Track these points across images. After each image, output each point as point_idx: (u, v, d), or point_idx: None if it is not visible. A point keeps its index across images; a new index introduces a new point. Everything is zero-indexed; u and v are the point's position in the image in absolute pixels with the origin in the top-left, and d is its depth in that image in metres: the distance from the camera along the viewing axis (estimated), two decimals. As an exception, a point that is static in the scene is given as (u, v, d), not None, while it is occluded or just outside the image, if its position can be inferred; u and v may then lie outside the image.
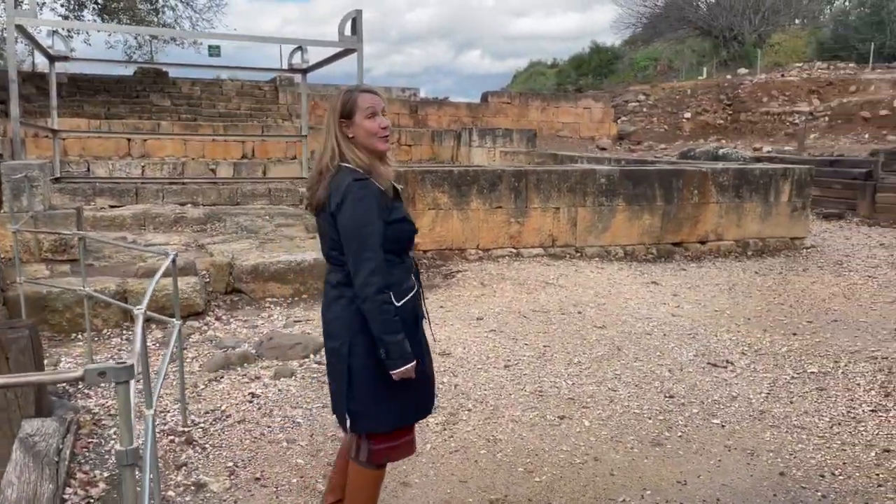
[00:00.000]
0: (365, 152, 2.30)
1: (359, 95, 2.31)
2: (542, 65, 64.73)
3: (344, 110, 2.31)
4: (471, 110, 26.46)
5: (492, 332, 5.37)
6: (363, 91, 2.34)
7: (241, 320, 5.70)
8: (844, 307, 6.27)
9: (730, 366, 4.75)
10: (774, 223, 8.80)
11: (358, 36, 12.24)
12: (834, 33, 37.58)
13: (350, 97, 2.32)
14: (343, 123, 2.31)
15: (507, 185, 7.74)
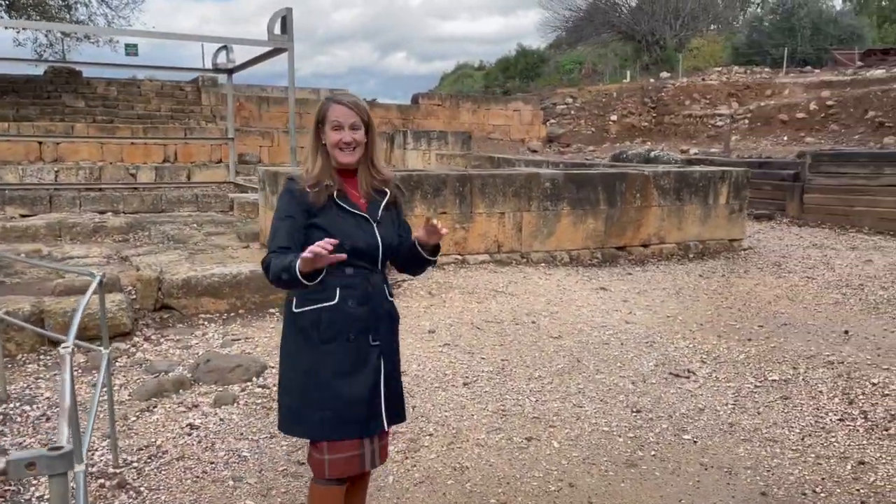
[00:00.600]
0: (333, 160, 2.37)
1: (330, 106, 2.36)
2: (469, 67, 65.03)
3: (318, 117, 2.39)
4: (402, 112, 26.17)
5: (446, 347, 5.11)
6: (336, 102, 2.37)
7: (173, 340, 5.26)
8: (791, 310, 6.30)
9: (692, 375, 4.64)
10: (713, 225, 8.88)
11: (289, 35, 11.78)
12: (748, 39, 39.08)
13: (324, 106, 2.39)
14: (319, 129, 2.39)
15: (452, 190, 7.50)
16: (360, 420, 2.33)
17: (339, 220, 2.30)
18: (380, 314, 2.35)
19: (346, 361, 2.30)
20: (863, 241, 9.57)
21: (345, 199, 2.32)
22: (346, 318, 2.28)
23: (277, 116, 23.31)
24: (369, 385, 2.33)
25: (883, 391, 4.31)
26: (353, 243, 2.28)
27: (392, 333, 2.44)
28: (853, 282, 7.29)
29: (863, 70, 26.92)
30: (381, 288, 2.38)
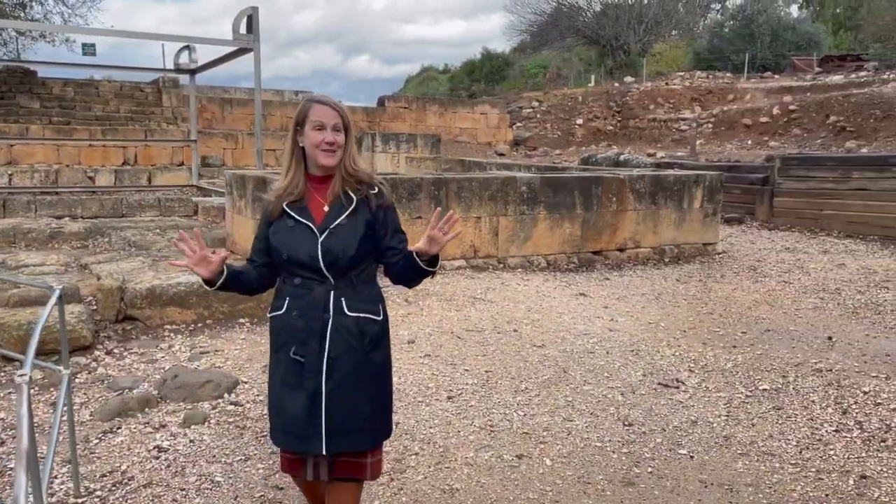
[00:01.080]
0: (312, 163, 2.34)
1: (312, 106, 2.30)
2: (434, 70, 64.92)
3: (298, 118, 2.33)
4: (368, 115, 25.89)
5: (427, 358, 4.91)
6: (318, 102, 2.32)
7: (137, 353, 4.97)
8: (771, 315, 6.24)
9: (681, 385, 4.51)
10: (688, 229, 8.83)
11: (254, 34, 11.47)
12: (710, 45, 39.67)
13: (305, 107, 2.32)
14: (297, 132, 2.34)
15: (427, 194, 7.31)
16: (298, 436, 2.28)
17: (283, 230, 2.29)
18: (314, 328, 2.23)
19: (289, 373, 2.28)
20: (833, 245, 9.62)
21: (296, 207, 2.29)
22: (290, 329, 2.26)
23: (241, 118, 22.86)
24: (303, 403, 2.25)
25: (875, 400, 4.23)
26: (291, 254, 2.25)
27: (350, 350, 2.26)
28: (829, 286, 7.28)
29: (821, 76, 27.48)
30: (324, 300, 2.24)
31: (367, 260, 2.32)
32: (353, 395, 2.26)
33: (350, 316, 2.25)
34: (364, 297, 2.30)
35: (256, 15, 11.33)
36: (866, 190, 10.09)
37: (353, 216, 2.27)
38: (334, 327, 2.23)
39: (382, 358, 2.37)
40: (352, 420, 2.27)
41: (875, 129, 17.52)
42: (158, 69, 18.86)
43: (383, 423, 2.40)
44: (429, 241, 2.24)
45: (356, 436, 2.29)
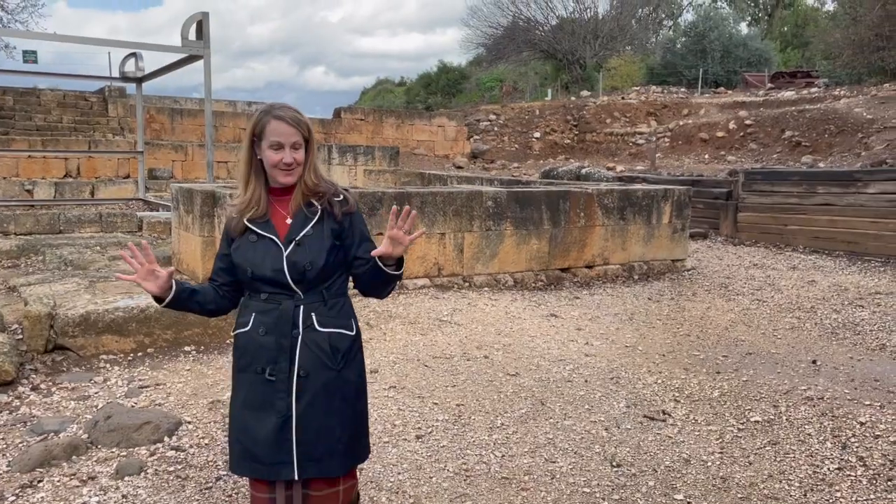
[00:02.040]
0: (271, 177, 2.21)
1: (269, 122, 2.15)
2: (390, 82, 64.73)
3: (254, 131, 2.17)
4: (323, 126, 25.36)
5: (392, 390, 4.49)
6: (275, 118, 2.15)
7: (66, 389, 4.44)
8: (750, 337, 5.99)
9: (668, 418, 4.19)
10: (657, 245, 8.60)
11: (205, 41, 10.92)
12: (663, 60, 40.26)
13: (262, 120, 2.16)
14: (255, 143, 2.19)
15: (389, 210, 6.89)
16: (268, 462, 2.13)
17: (246, 245, 2.18)
18: (284, 345, 2.11)
19: (255, 393, 2.14)
20: (801, 261, 9.51)
21: (258, 222, 2.17)
22: (257, 346, 2.14)
23: (192, 129, 22.11)
24: (272, 425, 2.11)
25: (873, 432, 3.96)
26: (255, 270, 2.15)
27: (320, 366, 2.14)
28: (804, 304, 7.09)
29: (773, 91, 27.98)
30: (292, 315, 2.13)
31: (336, 271, 2.21)
32: (325, 416, 2.15)
33: (321, 331, 2.15)
34: (336, 311, 2.20)
35: (207, 21, 10.80)
36: (831, 205, 10.03)
37: (319, 226, 2.17)
38: (304, 343, 2.12)
39: (356, 376, 2.25)
40: (324, 443, 2.15)
41: (830, 143, 17.75)
42: (104, 77, 18.08)
43: (357, 446, 2.27)
44: (391, 242, 2.11)
45: (328, 461, 2.16)
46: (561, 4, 40.67)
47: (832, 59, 28.43)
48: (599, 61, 38.53)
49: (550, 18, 40.81)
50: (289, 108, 2.19)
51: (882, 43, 24.27)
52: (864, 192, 9.66)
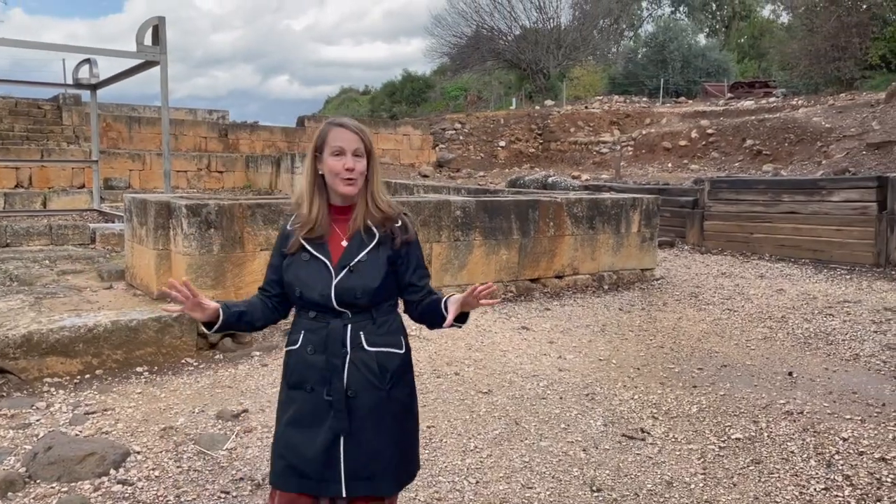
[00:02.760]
0: (333, 192, 2.18)
1: (331, 129, 2.14)
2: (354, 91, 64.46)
3: (316, 143, 2.17)
4: (287, 135, 25.02)
5: (358, 411, 4.25)
6: (336, 125, 2.15)
7: (5, 416, 4.11)
8: (723, 348, 5.89)
9: (647, 436, 4.02)
10: (626, 255, 8.50)
11: (161, 46, 10.57)
12: (625, 70, 40.72)
13: (324, 130, 2.16)
14: (316, 157, 2.18)
15: (354, 221, 6.67)
16: (315, 478, 2.12)
17: (298, 263, 2.16)
18: (335, 365, 2.10)
19: (304, 411, 2.14)
20: (768, 269, 9.50)
21: (314, 241, 2.15)
22: (306, 365, 2.13)
23: (150, 138, 21.57)
24: (323, 443, 2.10)
25: (857, 448, 3.85)
26: (304, 291, 2.13)
27: (369, 387, 2.12)
28: (774, 314, 7.03)
29: (733, 101, 28.41)
30: (340, 335, 2.11)
31: (389, 298, 2.19)
32: (374, 436, 2.13)
33: (369, 351, 2.13)
34: (384, 329, 2.17)
35: (163, 26, 10.45)
36: (796, 213, 10.07)
37: (375, 252, 2.14)
38: (352, 363, 2.11)
39: (405, 395, 2.22)
40: (373, 463, 2.13)
41: (790, 152, 17.99)
42: (57, 84, 17.53)
43: (406, 466, 2.24)
44: (462, 304, 2.13)
45: (378, 480, 2.14)
46: (524, 14, 40.79)
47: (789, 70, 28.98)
48: (563, 71, 38.78)
49: (514, 28, 41.00)
50: (350, 119, 2.21)
51: (837, 53, 24.81)
52: (829, 201, 9.72)
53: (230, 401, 4.43)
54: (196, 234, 5.86)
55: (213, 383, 4.77)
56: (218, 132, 23.71)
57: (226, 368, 5.07)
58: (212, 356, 5.30)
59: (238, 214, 6.05)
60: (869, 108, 17.71)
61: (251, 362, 5.20)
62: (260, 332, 5.85)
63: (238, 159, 20.78)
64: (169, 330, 5.18)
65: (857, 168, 13.01)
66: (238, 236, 6.07)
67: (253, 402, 4.40)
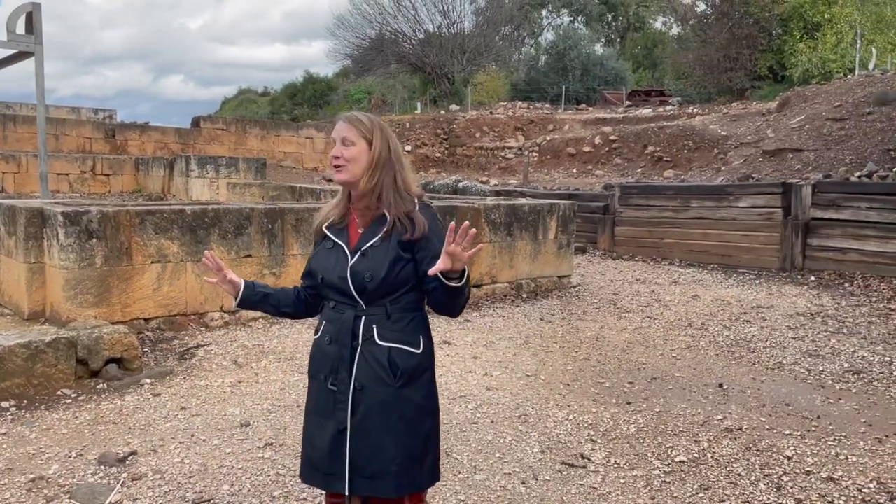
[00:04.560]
0: None
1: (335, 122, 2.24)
2: (252, 92, 62.53)
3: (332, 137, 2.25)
4: (181, 136, 23.72)
5: (267, 448, 3.73)
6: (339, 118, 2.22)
7: None
8: (649, 359, 5.72)
9: (588, 463, 3.72)
10: (543, 262, 8.29)
11: (36, 36, 9.57)
12: (527, 77, 41.31)
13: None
14: None
15: (260, 228, 6.09)
16: (322, 470, 2.14)
17: (322, 251, 2.24)
18: (344, 356, 2.11)
19: (319, 402, 2.18)
20: (680, 275, 9.55)
21: (334, 229, 2.23)
22: (322, 354, 2.18)
23: (27, 138, 19.89)
24: (329, 435, 2.12)
25: (803, 467, 3.68)
26: (325, 276, 2.19)
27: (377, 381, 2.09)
28: (694, 321, 6.97)
29: (631, 109, 29.23)
30: (351, 326, 2.12)
31: (402, 286, 2.14)
32: (379, 433, 2.10)
33: (381, 345, 2.11)
34: (401, 326, 2.15)
35: (38, 13, 9.46)
36: (705, 219, 10.20)
37: (387, 239, 2.14)
38: (362, 356, 2.11)
39: (420, 397, 2.16)
40: (376, 461, 2.09)
41: (689, 159, 18.53)
42: (-84, 76, 15.82)
43: (416, 470, 2.15)
44: (449, 258, 1.96)
45: (377, 480, 2.10)
46: (428, 18, 40.64)
47: (684, 79, 30.10)
48: (467, 76, 38.85)
49: (418, 32, 40.76)
50: (357, 111, 2.22)
51: (729, 64, 25.94)
52: (736, 206, 9.89)
53: (115, 440, 3.81)
54: (75, 246, 5.15)
55: (95, 419, 4.13)
56: (104, 132, 22.18)
57: (110, 400, 4.42)
58: (93, 386, 4.62)
59: (125, 222, 5.37)
60: (761, 117, 18.49)
61: (140, 392, 4.56)
62: (153, 356, 5.20)
63: (127, 161, 19.45)
64: (41, 357, 4.47)
65: (754, 174, 13.45)
66: (125, 247, 5.39)
67: (143, 441, 3.80)
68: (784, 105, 17.60)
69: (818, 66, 23.45)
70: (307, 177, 23.74)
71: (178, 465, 3.52)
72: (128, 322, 5.41)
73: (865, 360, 5.65)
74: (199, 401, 4.39)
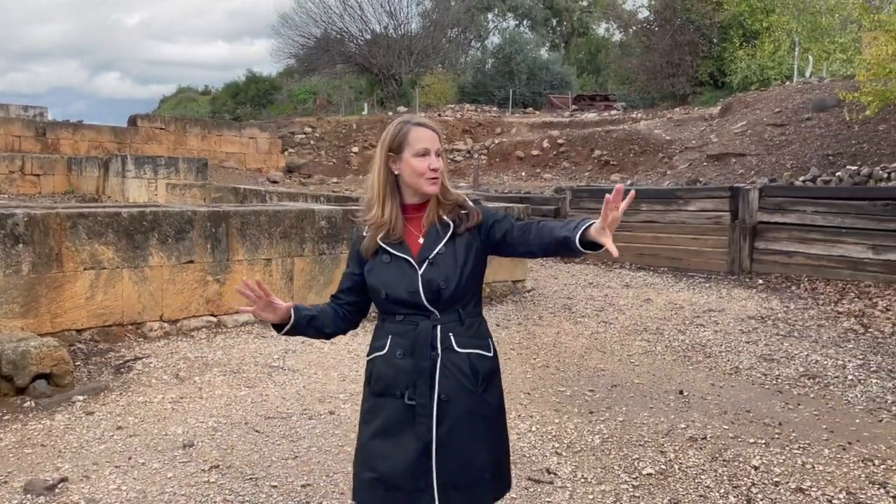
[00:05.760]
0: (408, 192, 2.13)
1: (411, 129, 2.11)
2: (192, 91, 61.04)
3: (392, 144, 2.11)
4: (117, 136, 22.87)
5: (213, 471, 3.46)
6: (418, 125, 2.12)
7: None
8: (608, 365, 5.62)
9: (555, 479, 3.57)
10: (498, 266, 8.15)
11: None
12: (474, 80, 41.39)
13: (403, 129, 2.11)
14: (391, 158, 2.12)
15: (202, 232, 5.76)
16: (406, 489, 2.03)
17: (379, 266, 2.11)
18: (424, 368, 2.04)
19: (393, 419, 2.06)
20: (632, 278, 9.56)
21: (391, 242, 2.10)
22: (395, 370, 2.06)
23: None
24: (412, 452, 2.02)
25: (771, 478, 3.60)
26: (390, 292, 2.08)
27: (461, 390, 2.05)
28: (649, 325, 6.93)
29: (577, 113, 29.52)
30: (430, 336, 2.06)
31: (472, 289, 2.16)
32: (469, 443, 2.07)
33: (460, 353, 2.08)
34: (473, 331, 2.14)
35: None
36: (655, 222, 10.24)
37: (451, 243, 2.11)
38: (444, 366, 2.05)
39: (497, 399, 2.17)
40: (467, 472, 2.07)
41: (635, 163, 18.74)
42: None
43: (502, 475, 2.17)
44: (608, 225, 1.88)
45: (473, 490, 2.07)
46: (375, 19, 40.29)
47: (628, 84, 30.55)
48: (414, 78, 38.66)
49: (365, 32, 40.38)
50: (424, 118, 2.17)
51: (672, 70, 26.42)
52: (685, 210, 9.96)
53: (44, 465, 3.48)
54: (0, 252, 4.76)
55: (21, 441, 3.78)
56: (34, 131, 21.18)
57: (38, 420, 4.06)
58: (19, 404, 4.25)
59: (55, 226, 4.99)
60: (704, 122, 18.84)
61: (72, 410, 4.21)
62: (86, 370, 4.84)
63: (59, 161, 18.60)
64: (-40, 374, 4.09)
65: (700, 178, 13.64)
66: (55, 253, 5.01)
67: (74, 465, 3.48)
68: (727, 110, 17.96)
69: (757, 72, 24.07)
70: (251, 178, 23.17)
71: (114, 492, 3.23)
72: (58, 334, 5.04)
73: (819, 363, 5.68)
74: (136, 419, 4.08)
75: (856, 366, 5.59)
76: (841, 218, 8.51)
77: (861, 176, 10.47)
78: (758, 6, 24.47)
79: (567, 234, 1.96)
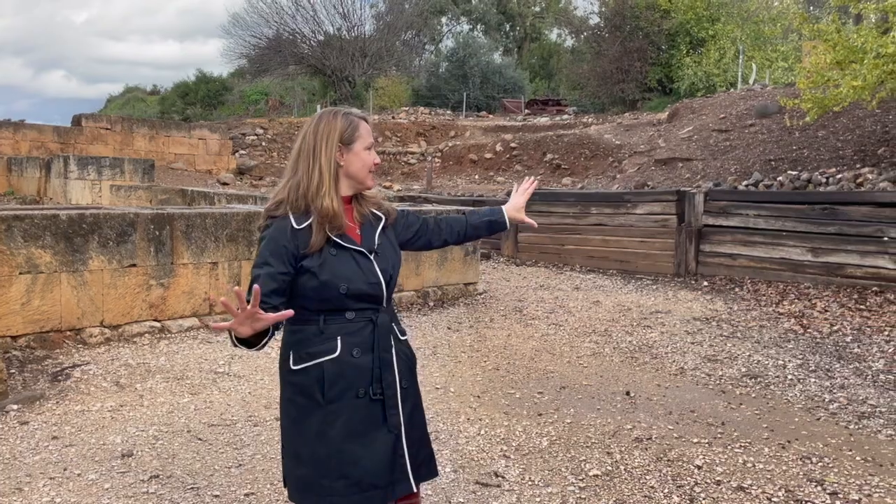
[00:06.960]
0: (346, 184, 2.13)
1: (360, 123, 2.12)
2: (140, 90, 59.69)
3: (344, 135, 2.08)
4: (60, 136, 22.19)
5: (154, 481, 3.37)
6: (363, 119, 2.14)
7: None
8: (557, 367, 5.67)
9: (503, 482, 3.57)
10: (450, 269, 8.16)
11: None
12: (428, 83, 41.42)
13: (351, 123, 2.10)
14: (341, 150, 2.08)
15: (145, 235, 5.62)
16: (383, 485, 2.03)
17: (332, 259, 2.02)
18: (387, 360, 2.06)
19: (357, 420, 2.02)
20: (582, 281, 9.66)
21: (337, 233, 2.04)
22: (353, 370, 2.02)
23: None
24: (389, 445, 2.04)
25: (713, 477, 3.67)
26: (351, 286, 2.01)
27: (411, 375, 2.17)
28: (598, 327, 7.01)
29: (530, 117, 29.79)
30: (389, 328, 2.10)
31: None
32: (421, 421, 2.19)
33: (402, 339, 2.17)
34: (397, 318, 2.22)
35: None
36: (604, 225, 10.38)
37: (384, 235, 2.16)
38: (398, 355, 2.11)
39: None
40: (425, 446, 2.18)
41: (586, 166, 18.99)
42: None
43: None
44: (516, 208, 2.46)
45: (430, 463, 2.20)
46: (328, 20, 40.03)
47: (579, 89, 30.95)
48: (368, 80, 38.50)
49: (317, 33, 40.06)
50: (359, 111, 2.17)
51: (622, 76, 26.88)
52: (633, 213, 10.11)
53: (-28, 479, 3.34)
54: (-73, 255, 4.56)
55: (-51, 454, 3.62)
56: (-28, 130, 20.42)
57: (-32, 431, 3.90)
58: (-52, 415, 4.07)
59: (-12, 229, 4.81)
60: (653, 127, 19.19)
61: (5, 420, 4.05)
62: (20, 378, 4.67)
63: (-2, 161, 17.97)
64: None
65: (648, 182, 13.89)
66: (-12, 257, 4.82)
67: (6, 477, 3.35)
68: (674, 116, 18.34)
69: (703, 79, 24.67)
70: (200, 180, 22.74)
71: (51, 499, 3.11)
72: (-8, 340, 4.84)
73: (761, 364, 5.83)
74: (73, 428, 3.94)
75: (795, 365, 5.75)
76: (782, 221, 8.76)
77: (801, 181, 10.80)
78: (704, 14, 25.09)
79: (494, 218, 2.41)
